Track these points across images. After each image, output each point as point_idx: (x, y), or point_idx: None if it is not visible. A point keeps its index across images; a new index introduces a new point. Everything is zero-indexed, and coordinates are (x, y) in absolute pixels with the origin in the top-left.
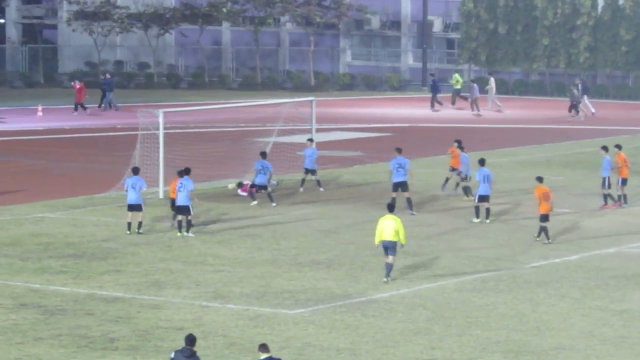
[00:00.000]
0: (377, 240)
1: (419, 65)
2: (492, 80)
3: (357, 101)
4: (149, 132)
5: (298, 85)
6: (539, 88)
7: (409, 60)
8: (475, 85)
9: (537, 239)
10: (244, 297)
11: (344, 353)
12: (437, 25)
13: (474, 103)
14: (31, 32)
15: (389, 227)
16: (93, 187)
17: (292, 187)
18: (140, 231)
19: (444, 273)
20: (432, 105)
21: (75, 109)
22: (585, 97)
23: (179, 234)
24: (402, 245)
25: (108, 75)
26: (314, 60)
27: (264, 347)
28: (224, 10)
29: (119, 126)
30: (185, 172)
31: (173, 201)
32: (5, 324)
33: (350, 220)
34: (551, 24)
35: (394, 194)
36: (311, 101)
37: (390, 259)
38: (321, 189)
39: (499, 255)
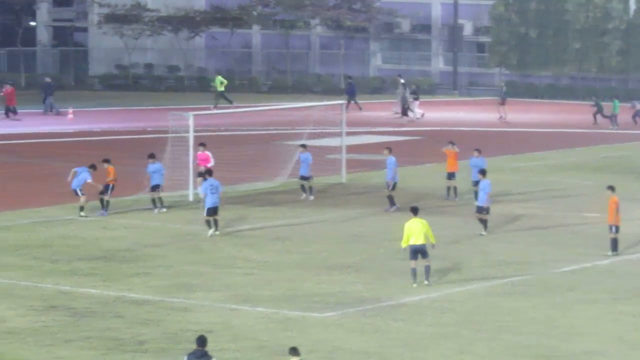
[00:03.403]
0: (404, 244)
1: (449, 68)
2: (402, 82)
3: (386, 104)
4: (179, 135)
5: (328, 88)
6: (570, 92)
7: (439, 63)
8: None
9: (613, 253)
10: (273, 300)
11: (373, 357)
12: (468, 29)
13: (404, 106)
14: (62, 35)
15: (417, 230)
16: (123, 190)
17: (321, 190)
18: (82, 214)
19: (473, 277)
20: (347, 108)
21: (7, 113)
22: (417, 102)
23: (210, 232)
24: (433, 245)
25: (48, 79)
26: (344, 63)
27: (294, 351)
28: (254, 13)
29: (149, 129)
30: (209, 173)
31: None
32: (35, 325)
33: (380, 224)
34: (582, 27)
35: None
36: (341, 105)
37: (425, 261)
38: (312, 197)
39: (528, 259)
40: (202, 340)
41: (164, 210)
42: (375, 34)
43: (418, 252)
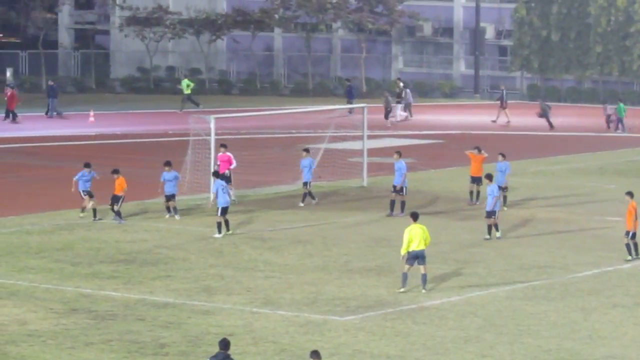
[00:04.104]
0: (404, 250)
1: (471, 72)
2: (401, 85)
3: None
4: (200, 137)
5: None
6: (592, 95)
7: (461, 67)
8: (408, 90)
9: (634, 257)
10: (294, 304)
11: None
12: (490, 32)
13: (407, 109)
14: (84, 38)
15: (417, 236)
16: (144, 193)
17: (342, 193)
18: (95, 218)
19: (495, 281)
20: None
21: (7, 116)
22: (399, 105)
23: (219, 235)
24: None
25: (51, 82)
26: (366, 66)
27: (315, 354)
28: (276, 16)
29: (170, 132)
30: (216, 174)
31: (116, 198)
32: (57, 328)
33: (401, 227)
34: (604, 31)
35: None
36: (363, 108)
37: (422, 268)
38: (301, 204)
39: (550, 263)
40: (225, 344)
41: (177, 217)
42: (397, 37)
43: (417, 257)
